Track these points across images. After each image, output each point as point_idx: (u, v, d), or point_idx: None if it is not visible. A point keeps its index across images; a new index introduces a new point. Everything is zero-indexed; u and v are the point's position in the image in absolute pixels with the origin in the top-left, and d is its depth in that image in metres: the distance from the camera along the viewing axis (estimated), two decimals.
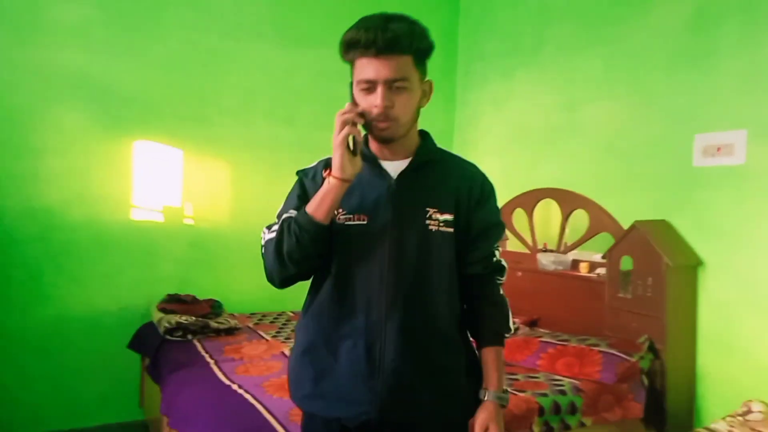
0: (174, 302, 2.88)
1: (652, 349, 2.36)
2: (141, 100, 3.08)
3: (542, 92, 3.27)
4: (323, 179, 1.21)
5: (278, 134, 3.48)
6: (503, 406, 1.28)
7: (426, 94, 1.26)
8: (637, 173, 2.73)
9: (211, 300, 3.03)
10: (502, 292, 1.35)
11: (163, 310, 2.82)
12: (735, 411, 2.19)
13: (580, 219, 2.90)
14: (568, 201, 2.95)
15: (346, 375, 1.22)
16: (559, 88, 3.19)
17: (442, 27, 4.01)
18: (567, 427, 2.07)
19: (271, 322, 3.11)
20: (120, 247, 3.04)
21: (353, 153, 1.16)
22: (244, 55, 3.35)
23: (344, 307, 1.24)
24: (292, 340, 2.62)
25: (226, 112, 3.32)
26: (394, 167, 1.26)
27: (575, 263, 2.91)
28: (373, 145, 1.27)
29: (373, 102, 1.16)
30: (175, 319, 2.69)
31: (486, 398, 1.26)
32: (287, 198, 1.32)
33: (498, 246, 1.34)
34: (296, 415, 1.80)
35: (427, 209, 1.24)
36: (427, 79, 1.25)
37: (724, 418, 2.15)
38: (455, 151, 4.38)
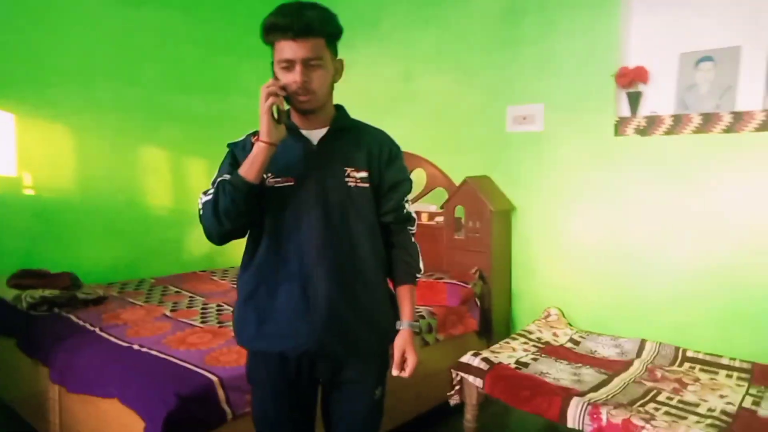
0: (29, 277, 2.73)
1: (481, 277, 2.99)
2: None
3: (382, 64, 3.68)
4: (252, 146, 1.35)
5: (123, 96, 3.35)
6: (417, 333, 1.55)
7: (338, 71, 1.42)
8: (463, 137, 3.32)
9: (67, 272, 2.91)
10: (413, 239, 1.56)
11: (17, 286, 2.67)
12: (539, 317, 2.94)
13: (419, 176, 3.41)
14: (409, 161, 3.42)
15: (285, 314, 1.39)
16: (397, 61, 3.63)
17: None
18: (427, 343, 2.59)
19: (136, 289, 3.10)
20: None
21: (277, 121, 1.31)
22: (80, 10, 3.13)
23: (280, 257, 1.41)
24: (166, 303, 2.77)
25: (63, 72, 3.10)
26: (313, 135, 1.43)
27: (417, 214, 3.43)
28: (295, 117, 1.43)
29: (293, 78, 1.32)
30: (38, 293, 2.58)
31: (402, 327, 1.48)
32: (220, 167, 1.46)
33: (407, 199, 1.54)
34: (213, 359, 2.01)
35: (345, 168, 1.43)
36: (338, 58, 1.42)
37: (532, 323, 2.87)
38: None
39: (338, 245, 1.42)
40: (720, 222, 2.47)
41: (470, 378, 2.22)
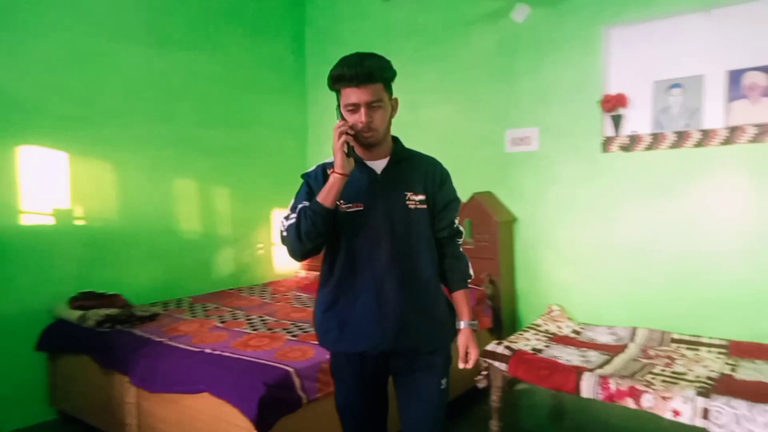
0: (91, 298, 3.03)
1: (491, 281, 3.38)
2: (23, 103, 3.06)
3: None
4: (325, 177, 1.61)
5: (158, 132, 3.69)
6: (475, 330, 1.76)
7: (394, 108, 1.66)
8: (467, 157, 3.74)
9: (119, 294, 3.21)
10: (462, 249, 1.79)
11: (80, 307, 2.97)
12: (543, 313, 3.34)
13: None
14: None
15: (363, 321, 1.62)
16: (404, 91, 4.03)
17: (290, 33, 4.56)
18: None
19: (178, 307, 3.40)
20: (14, 251, 3.03)
21: (348, 155, 1.55)
22: (121, 56, 3.48)
23: (356, 272, 1.63)
24: (212, 317, 3.09)
25: (108, 112, 3.42)
26: (376, 165, 1.66)
27: None
28: (359, 150, 1.64)
29: (358, 119, 1.55)
30: (103, 312, 2.89)
31: (462, 326, 1.72)
32: (297, 195, 1.69)
33: (457, 216, 1.76)
34: (282, 356, 2.34)
35: (406, 193, 1.65)
36: (394, 97, 1.66)
37: (539, 318, 3.27)
38: (310, 145, 4.97)
39: (403, 259, 1.64)
40: (693, 223, 2.92)
41: (496, 363, 2.60)
